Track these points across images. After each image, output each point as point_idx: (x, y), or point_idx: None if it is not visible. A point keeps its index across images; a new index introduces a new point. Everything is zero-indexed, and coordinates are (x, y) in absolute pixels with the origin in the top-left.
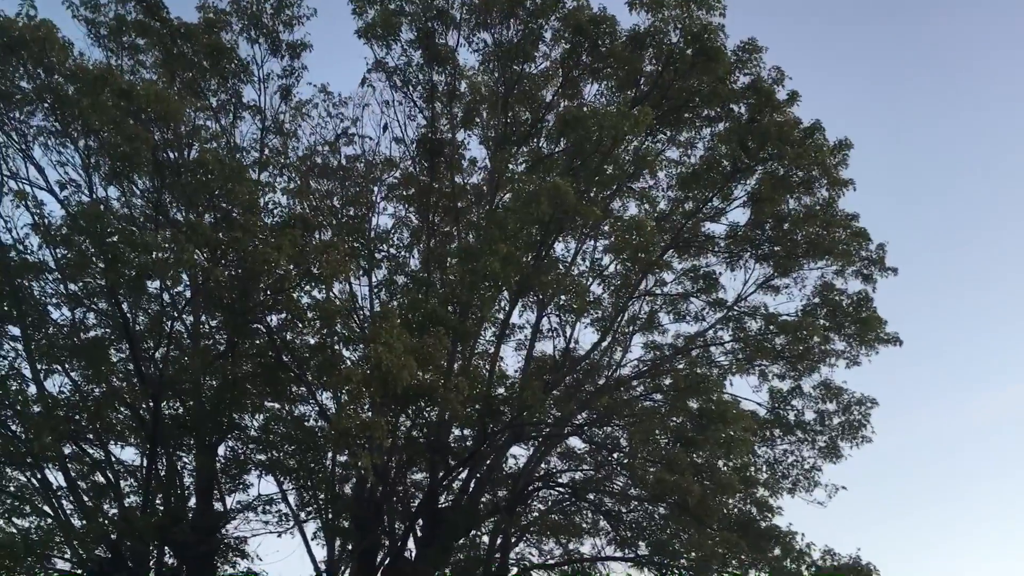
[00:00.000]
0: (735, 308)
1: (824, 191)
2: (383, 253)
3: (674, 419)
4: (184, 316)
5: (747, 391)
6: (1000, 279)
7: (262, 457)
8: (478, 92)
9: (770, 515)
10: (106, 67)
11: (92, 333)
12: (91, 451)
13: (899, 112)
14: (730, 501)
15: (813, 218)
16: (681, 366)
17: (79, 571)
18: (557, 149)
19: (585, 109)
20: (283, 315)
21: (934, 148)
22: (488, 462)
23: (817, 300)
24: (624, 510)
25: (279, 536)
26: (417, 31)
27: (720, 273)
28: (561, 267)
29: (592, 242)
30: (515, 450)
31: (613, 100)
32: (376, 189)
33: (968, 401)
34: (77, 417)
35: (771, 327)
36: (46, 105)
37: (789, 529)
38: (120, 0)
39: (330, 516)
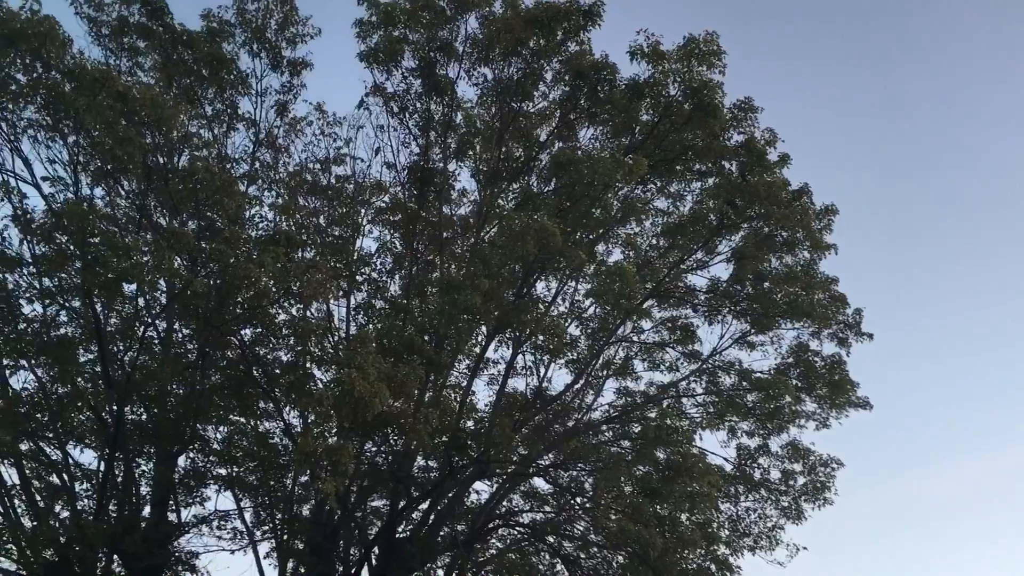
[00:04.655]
0: (710, 361)
1: (806, 253)
2: (364, 276)
3: (640, 468)
4: (157, 322)
5: (715, 446)
6: (972, 355)
7: (222, 471)
8: (473, 125)
9: (729, 574)
10: (105, 69)
11: (62, 331)
12: (49, 451)
13: (888, 179)
14: (690, 556)
15: (794, 279)
16: (652, 415)
17: (23, 573)
18: (547, 189)
19: (579, 152)
20: (257, 329)
21: (920, 218)
22: (450, 495)
23: (791, 360)
24: (583, 556)
25: (232, 553)
26: (419, 60)
27: (698, 325)
28: (541, 306)
29: (574, 284)
30: (478, 485)
31: (607, 146)
32: (363, 211)
33: (933, 471)
34: (39, 415)
35: (744, 383)
36: (39, 99)
37: None
38: (124, 1)
39: (285, 537)
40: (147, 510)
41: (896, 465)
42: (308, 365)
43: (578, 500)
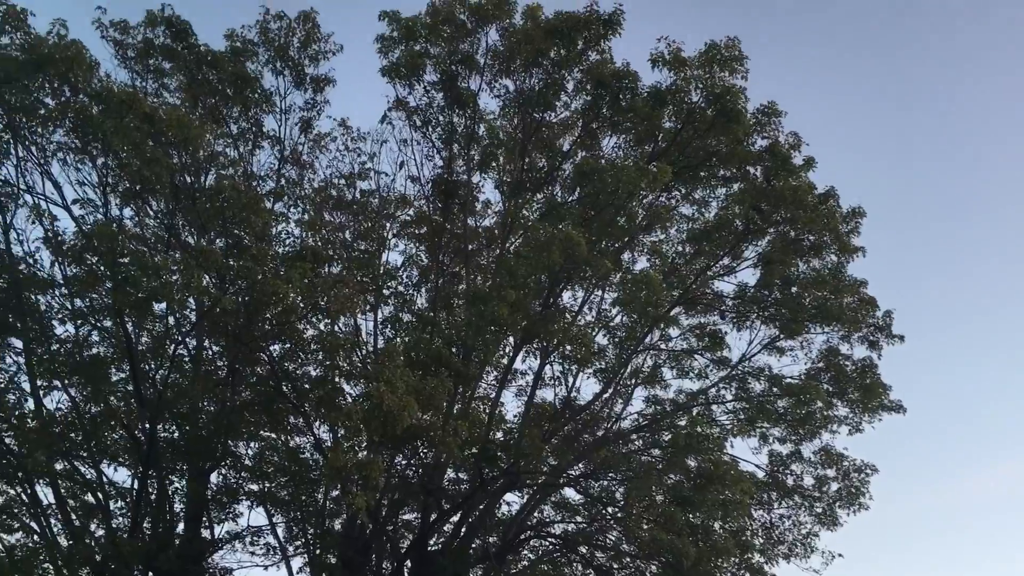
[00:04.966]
0: (739, 368)
1: (834, 256)
2: (391, 290)
3: (671, 476)
4: (188, 340)
5: (747, 453)
6: (1008, 354)
7: (254, 487)
8: (496, 137)
9: None
10: (132, 91)
11: (94, 351)
12: (83, 470)
13: (914, 180)
14: (724, 565)
15: (822, 283)
16: (682, 423)
17: None
18: (571, 198)
19: (602, 161)
20: (286, 345)
21: (948, 215)
22: (481, 507)
23: (822, 364)
24: (616, 566)
25: (265, 569)
26: (440, 73)
27: (726, 332)
28: (567, 316)
29: (600, 293)
30: (508, 496)
31: (630, 154)
32: (388, 225)
33: (971, 474)
34: (72, 435)
35: (774, 389)
36: (68, 123)
37: None
38: (149, 24)
39: (318, 551)
40: (181, 527)
41: (934, 469)
42: (337, 380)
43: (609, 510)
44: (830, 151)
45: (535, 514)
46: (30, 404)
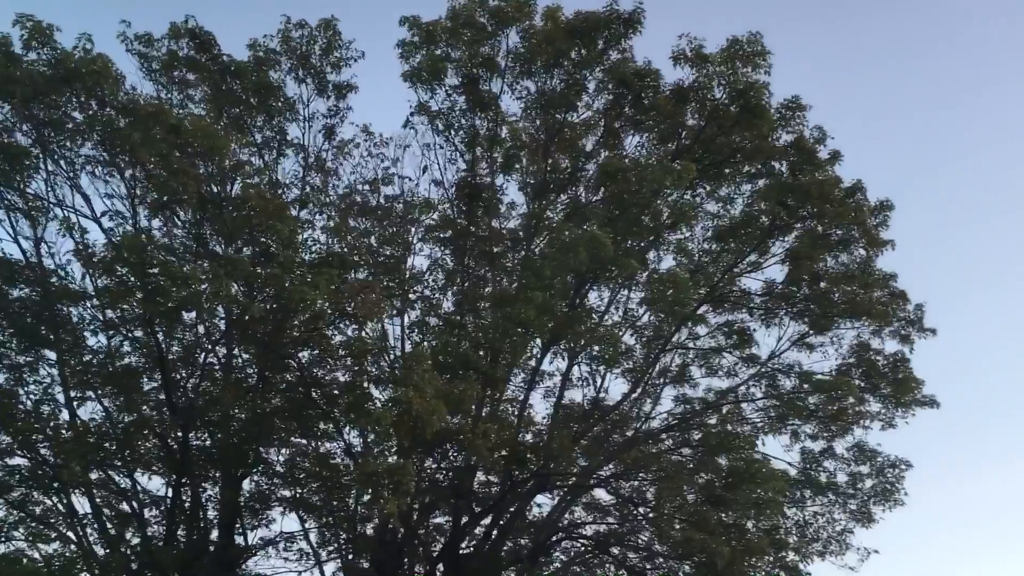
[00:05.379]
0: (768, 365)
1: (862, 250)
2: (417, 294)
3: (703, 475)
4: (218, 348)
5: (778, 450)
6: None
7: (286, 493)
8: (519, 139)
9: None
10: (157, 103)
11: (126, 361)
12: (118, 479)
13: (945, 171)
14: (759, 564)
15: (851, 277)
16: (712, 422)
17: None
18: (596, 198)
19: (626, 160)
20: (315, 351)
21: (979, 210)
22: (512, 510)
23: (852, 360)
24: (648, 567)
25: (299, 574)
26: (462, 77)
27: (755, 329)
28: (594, 316)
29: (627, 293)
30: (539, 498)
31: (654, 152)
32: (413, 230)
33: (1008, 468)
34: (107, 444)
35: (805, 385)
36: (96, 136)
37: None
38: (173, 36)
39: (351, 556)
40: (215, 534)
41: (970, 463)
42: (366, 385)
43: (641, 510)
44: (857, 144)
45: (566, 515)
46: (64, 415)
